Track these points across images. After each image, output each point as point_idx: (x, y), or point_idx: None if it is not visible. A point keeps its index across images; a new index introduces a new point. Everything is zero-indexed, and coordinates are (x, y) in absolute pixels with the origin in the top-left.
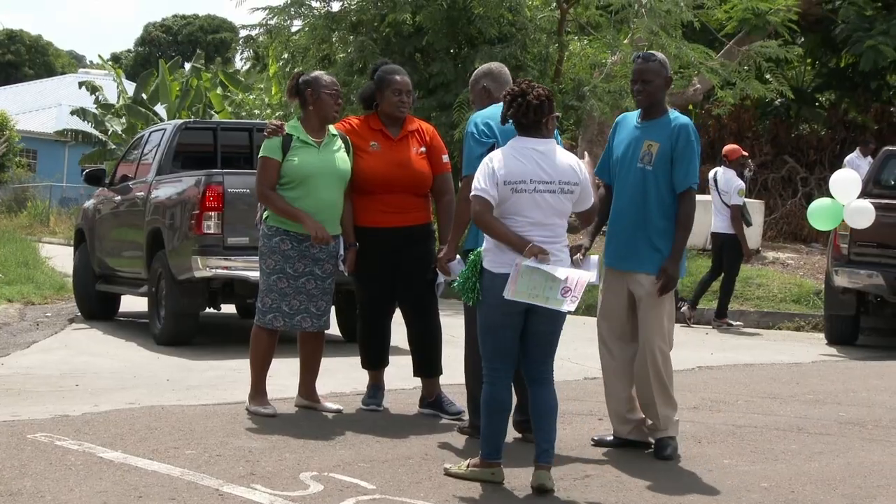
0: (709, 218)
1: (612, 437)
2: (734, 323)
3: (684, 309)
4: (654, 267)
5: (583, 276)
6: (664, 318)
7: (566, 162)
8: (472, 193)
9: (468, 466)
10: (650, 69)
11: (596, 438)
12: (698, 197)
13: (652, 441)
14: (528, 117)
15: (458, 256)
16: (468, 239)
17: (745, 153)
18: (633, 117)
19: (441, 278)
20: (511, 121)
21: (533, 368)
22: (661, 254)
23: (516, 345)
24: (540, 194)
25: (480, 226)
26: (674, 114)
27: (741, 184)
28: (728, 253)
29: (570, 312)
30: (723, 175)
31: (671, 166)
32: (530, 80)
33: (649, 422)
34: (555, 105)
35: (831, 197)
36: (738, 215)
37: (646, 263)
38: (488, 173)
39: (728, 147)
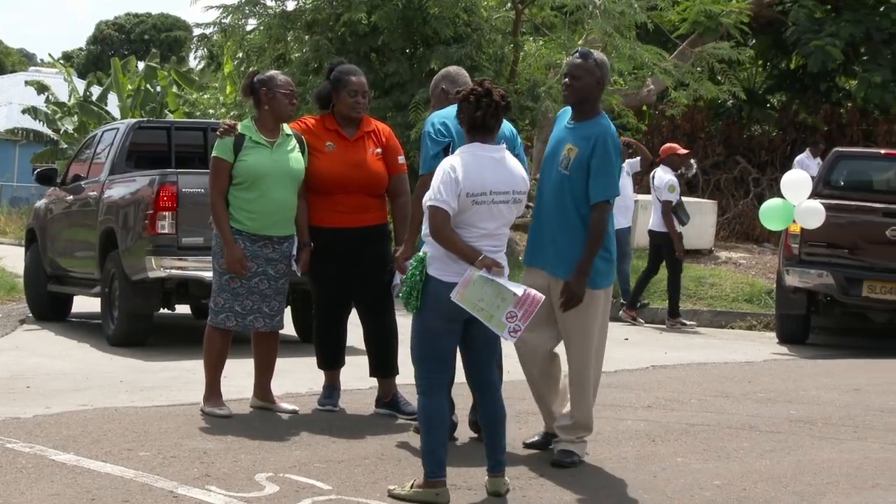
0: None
1: (538, 438)
2: (688, 322)
3: (622, 313)
4: (568, 276)
5: (536, 298)
6: (587, 322)
7: (517, 171)
8: (433, 203)
9: (412, 487)
10: (583, 66)
11: (527, 443)
12: (644, 198)
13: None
14: (497, 118)
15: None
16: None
17: (684, 152)
18: (568, 115)
19: (398, 279)
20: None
21: (477, 375)
22: (569, 264)
23: (455, 354)
24: (496, 205)
25: (439, 237)
26: (602, 121)
27: (672, 179)
28: (667, 251)
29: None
30: (658, 173)
31: (588, 175)
32: (487, 80)
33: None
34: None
35: (783, 197)
36: (668, 211)
37: (560, 270)
38: (449, 183)
39: (664, 146)
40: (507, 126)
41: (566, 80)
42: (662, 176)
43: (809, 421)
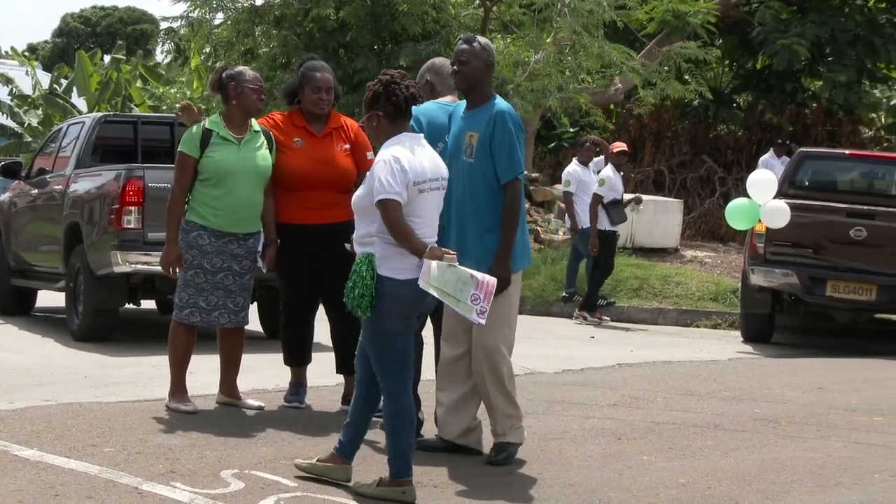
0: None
1: (436, 439)
2: (589, 318)
3: (577, 314)
4: (484, 265)
5: (491, 281)
6: (500, 307)
7: (438, 157)
8: (386, 197)
9: (378, 485)
10: (469, 51)
11: (420, 441)
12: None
13: (479, 450)
14: (415, 102)
15: None
16: None
17: (617, 148)
18: (462, 107)
19: None
20: (386, 114)
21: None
22: (492, 252)
23: (413, 350)
24: (433, 192)
25: (397, 231)
26: (496, 101)
27: (606, 175)
28: (601, 246)
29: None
30: (605, 169)
31: (492, 157)
32: (390, 70)
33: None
34: None
35: (748, 197)
36: (594, 204)
37: (483, 261)
38: (397, 173)
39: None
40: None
41: (454, 66)
42: (605, 172)
43: (774, 419)
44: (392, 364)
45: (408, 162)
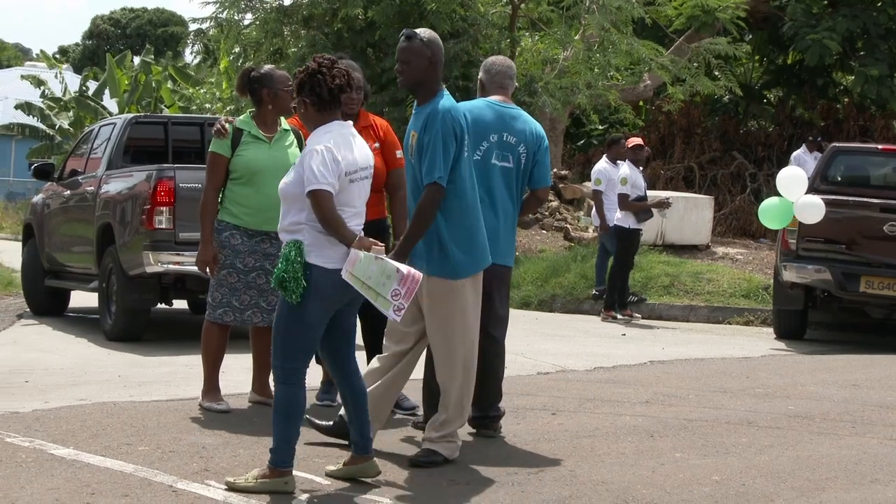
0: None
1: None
2: (620, 315)
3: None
4: (430, 268)
5: (416, 276)
6: (445, 315)
7: (366, 146)
8: (319, 188)
9: (257, 478)
10: (411, 48)
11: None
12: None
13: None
14: (350, 88)
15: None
16: None
17: (632, 143)
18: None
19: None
20: (316, 103)
21: (346, 364)
22: (430, 253)
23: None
24: (362, 182)
25: (330, 221)
26: (437, 100)
27: (623, 173)
28: (618, 244)
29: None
30: (623, 166)
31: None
32: (323, 55)
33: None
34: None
35: (779, 194)
36: (623, 203)
37: (423, 263)
38: (329, 163)
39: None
40: (532, 123)
41: (397, 66)
42: (623, 170)
43: (808, 416)
44: (297, 352)
45: (340, 152)
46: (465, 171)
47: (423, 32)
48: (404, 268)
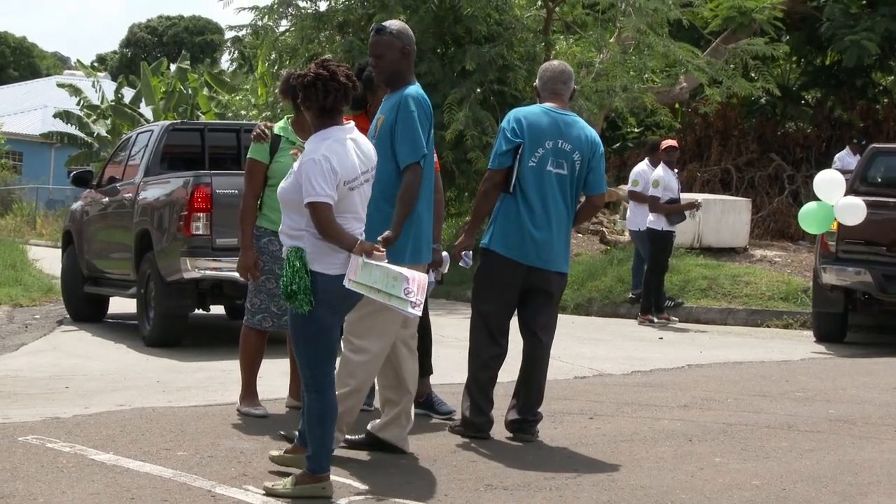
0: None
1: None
2: (656, 319)
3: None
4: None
5: (422, 278)
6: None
7: (369, 144)
8: (318, 200)
9: (295, 484)
10: (381, 42)
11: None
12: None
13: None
14: (346, 100)
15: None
16: (484, 234)
17: (666, 144)
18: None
19: (432, 276)
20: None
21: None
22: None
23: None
24: (363, 186)
25: (328, 233)
26: (408, 88)
27: (656, 175)
28: (650, 247)
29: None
30: (657, 169)
31: (392, 141)
32: (330, 60)
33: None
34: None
35: (817, 198)
36: (653, 206)
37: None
38: (327, 174)
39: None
40: (587, 129)
41: (371, 60)
42: (656, 172)
43: (849, 420)
44: (322, 359)
45: (338, 161)
46: (431, 159)
47: (393, 24)
48: (407, 271)
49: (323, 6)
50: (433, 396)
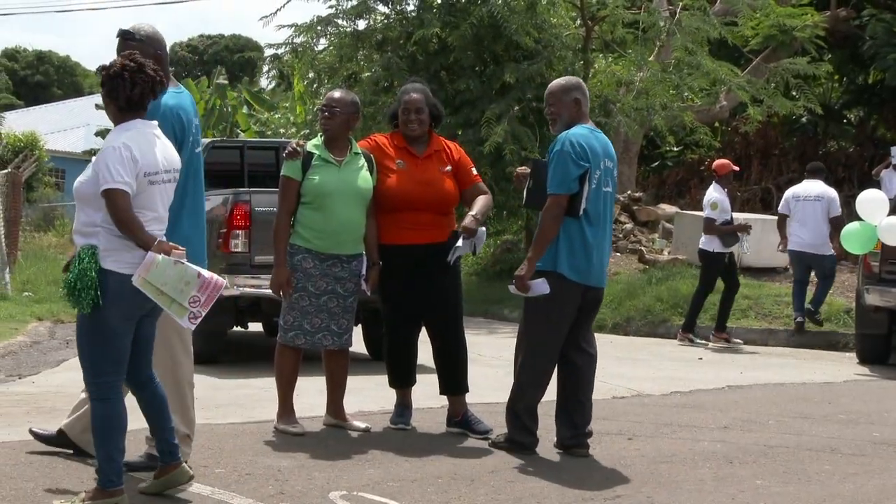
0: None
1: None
2: (698, 340)
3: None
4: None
5: (218, 282)
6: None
7: (173, 150)
8: (113, 187)
9: (84, 500)
10: (132, 48)
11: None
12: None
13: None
14: (154, 93)
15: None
16: (544, 258)
17: (724, 168)
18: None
19: (469, 248)
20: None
21: (141, 373)
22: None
23: (129, 352)
24: (164, 185)
25: (125, 222)
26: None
27: (714, 197)
28: (702, 268)
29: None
30: (709, 190)
31: None
32: (136, 54)
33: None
34: None
35: (859, 219)
36: (710, 227)
37: None
38: (126, 161)
39: (716, 162)
40: (607, 144)
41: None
42: (711, 193)
43: (894, 444)
44: (106, 364)
45: (139, 151)
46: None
47: (141, 29)
48: (206, 273)
49: (362, 25)
50: (469, 415)
